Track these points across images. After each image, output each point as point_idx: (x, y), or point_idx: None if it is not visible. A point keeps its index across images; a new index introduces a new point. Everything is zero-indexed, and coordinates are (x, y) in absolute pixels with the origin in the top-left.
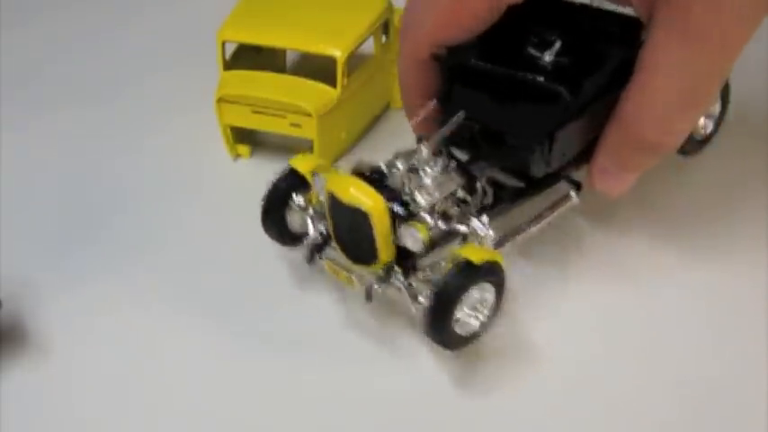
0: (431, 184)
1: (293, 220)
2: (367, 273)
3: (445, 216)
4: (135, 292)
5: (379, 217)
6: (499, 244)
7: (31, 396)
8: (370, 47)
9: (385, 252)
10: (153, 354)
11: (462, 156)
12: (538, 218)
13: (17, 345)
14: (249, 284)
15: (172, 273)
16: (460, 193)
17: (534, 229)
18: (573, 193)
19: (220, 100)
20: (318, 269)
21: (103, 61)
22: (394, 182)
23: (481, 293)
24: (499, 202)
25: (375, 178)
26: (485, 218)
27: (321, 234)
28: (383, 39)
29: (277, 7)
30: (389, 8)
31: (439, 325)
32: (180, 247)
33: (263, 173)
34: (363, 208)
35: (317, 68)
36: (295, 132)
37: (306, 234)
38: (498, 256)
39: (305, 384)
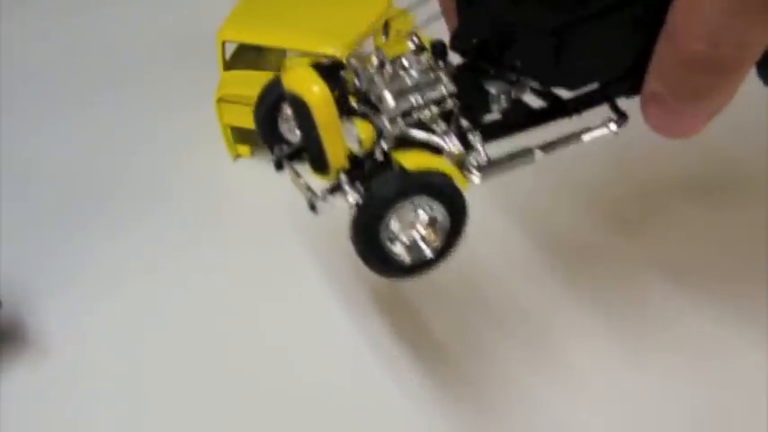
0: (408, 85)
1: (285, 128)
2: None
3: (423, 127)
4: (135, 291)
5: (320, 107)
6: (487, 170)
7: (31, 396)
8: (369, 47)
9: (334, 154)
10: (153, 354)
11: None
12: (552, 144)
13: (17, 345)
14: (250, 285)
15: (171, 273)
16: (451, 105)
17: (540, 155)
18: (612, 124)
19: (220, 100)
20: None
21: (103, 61)
22: (365, 78)
23: (425, 212)
24: (508, 122)
25: (331, 69)
26: (476, 136)
27: (293, 143)
28: (383, 39)
29: (277, 7)
30: (390, 8)
31: (364, 240)
32: (180, 247)
33: (263, 173)
34: (303, 96)
35: None
36: None
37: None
38: (453, 171)
39: (303, 387)
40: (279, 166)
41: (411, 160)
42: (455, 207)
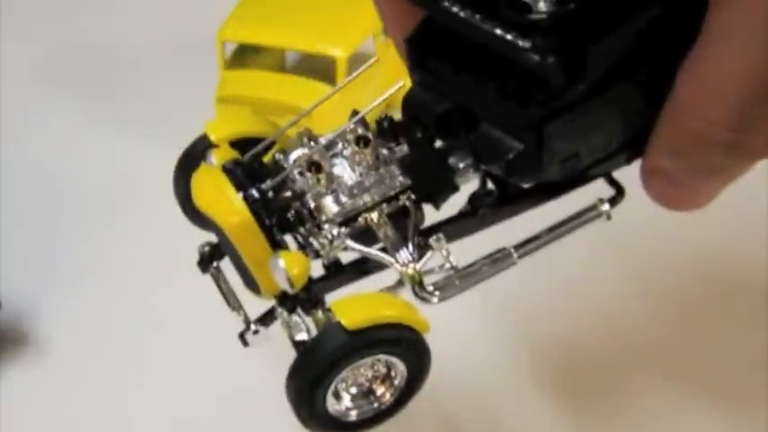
0: (351, 184)
1: None
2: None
3: (368, 235)
4: (134, 291)
5: (241, 236)
6: (451, 284)
7: (31, 396)
8: (370, 47)
9: (266, 282)
10: (152, 354)
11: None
12: (532, 242)
13: (17, 345)
14: None
15: (171, 273)
16: (404, 201)
17: (516, 258)
18: (605, 205)
19: (220, 100)
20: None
21: (103, 61)
22: (298, 181)
23: (376, 367)
24: (478, 212)
25: (250, 168)
26: (439, 238)
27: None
28: (383, 38)
29: (277, 7)
30: None
31: (300, 401)
32: (179, 246)
33: None
34: (221, 225)
35: (317, 68)
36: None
37: None
38: (407, 315)
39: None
40: (204, 268)
41: (353, 314)
42: (413, 358)
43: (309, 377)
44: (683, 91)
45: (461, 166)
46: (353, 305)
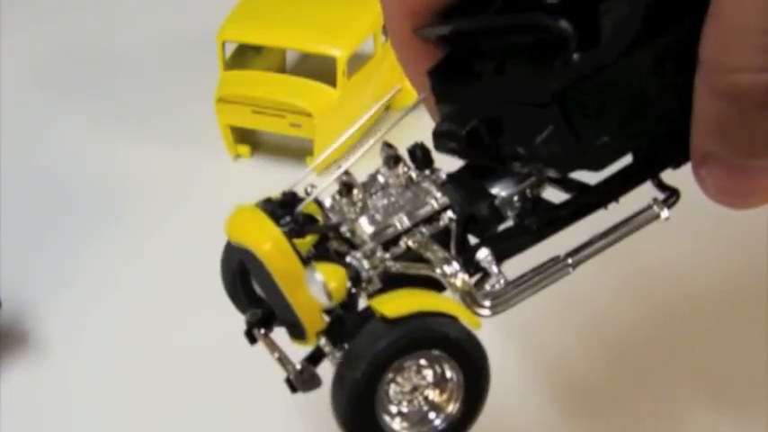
0: (386, 205)
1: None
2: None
3: (413, 257)
4: (135, 291)
5: (276, 258)
6: (504, 297)
7: (31, 396)
8: (370, 47)
9: (307, 314)
10: (152, 353)
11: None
12: (587, 248)
13: (17, 345)
14: None
15: (172, 272)
16: (446, 221)
17: (571, 265)
18: (660, 208)
19: (220, 100)
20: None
21: (104, 61)
22: (332, 208)
23: (428, 370)
24: (525, 228)
25: (285, 204)
26: (483, 252)
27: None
28: (383, 38)
29: (277, 7)
30: None
31: (350, 419)
32: (180, 246)
33: (263, 173)
34: (255, 251)
35: (317, 68)
36: (295, 132)
37: None
38: (454, 308)
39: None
40: (251, 337)
41: (393, 305)
42: (467, 357)
43: (356, 382)
44: (705, 52)
45: (503, 194)
46: (393, 297)
